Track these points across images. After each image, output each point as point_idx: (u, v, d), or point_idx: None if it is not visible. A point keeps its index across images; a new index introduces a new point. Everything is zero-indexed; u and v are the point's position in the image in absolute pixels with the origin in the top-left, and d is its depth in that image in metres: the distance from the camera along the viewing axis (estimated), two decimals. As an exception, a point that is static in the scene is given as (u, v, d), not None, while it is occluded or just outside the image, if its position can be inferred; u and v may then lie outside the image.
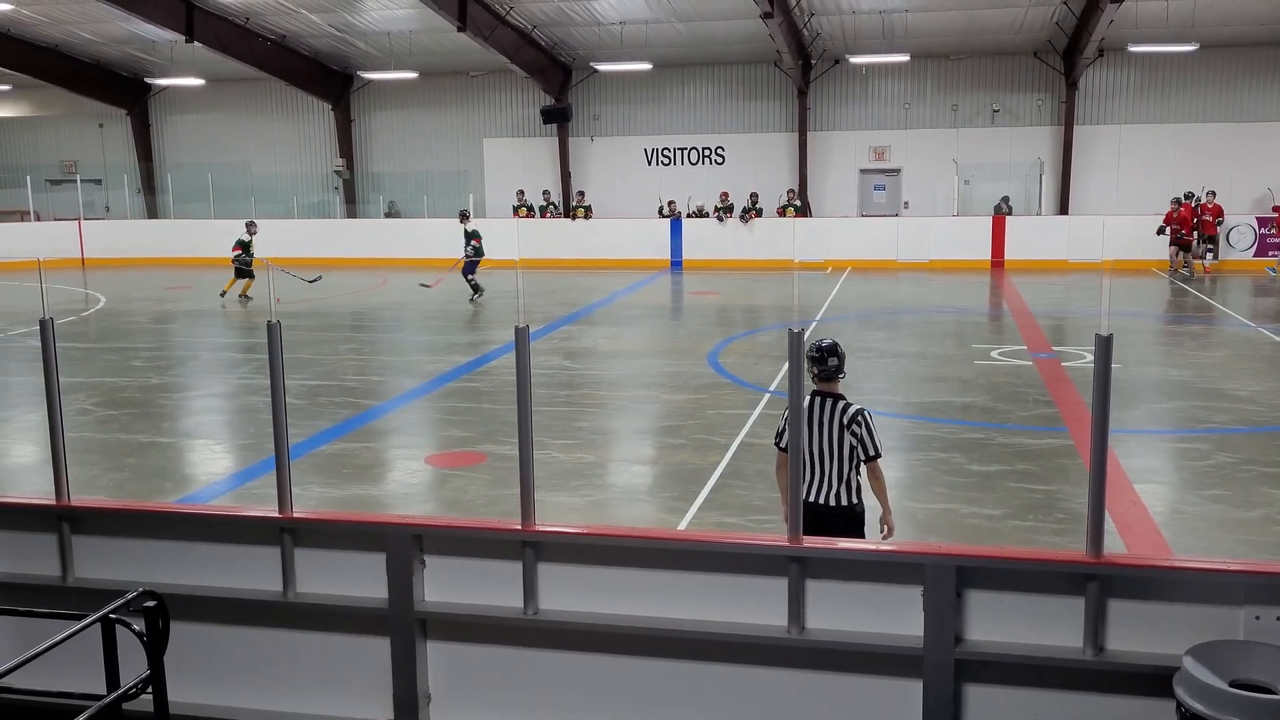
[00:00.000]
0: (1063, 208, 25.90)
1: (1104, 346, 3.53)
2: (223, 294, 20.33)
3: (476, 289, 20.14)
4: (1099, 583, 3.68)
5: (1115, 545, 6.81)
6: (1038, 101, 26.22)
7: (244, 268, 20.23)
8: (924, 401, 11.50)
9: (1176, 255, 23.11)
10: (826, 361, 5.63)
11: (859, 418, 5.55)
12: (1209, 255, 23.30)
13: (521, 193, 27.91)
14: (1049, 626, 3.77)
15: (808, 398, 5.52)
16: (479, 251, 20.33)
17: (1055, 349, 14.48)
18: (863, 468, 5.62)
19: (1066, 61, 25.32)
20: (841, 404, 5.60)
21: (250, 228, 20.73)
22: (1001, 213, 25.56)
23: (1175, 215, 22.90)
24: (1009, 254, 24.82)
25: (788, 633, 3.96)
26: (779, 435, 5.71)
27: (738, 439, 9.85)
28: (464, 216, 20.85)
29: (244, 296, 20.42)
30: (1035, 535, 7.39)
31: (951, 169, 26.32)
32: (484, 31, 23.39)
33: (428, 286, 20.87)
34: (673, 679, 4.13)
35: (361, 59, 27.92)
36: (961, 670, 3.84)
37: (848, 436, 5.53)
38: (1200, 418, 10.72)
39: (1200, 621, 3.61)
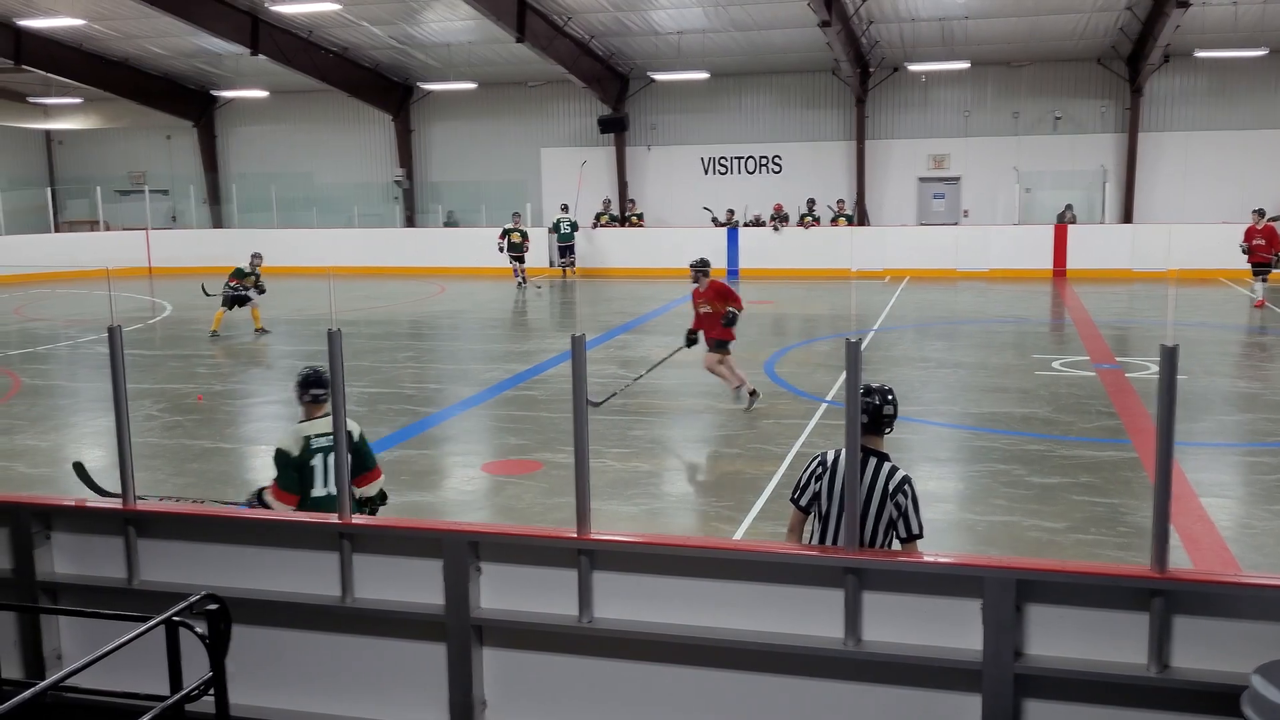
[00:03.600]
0: (1127, 216, 25.45)
1: (1169, 357, 3.46)
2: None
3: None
4: (1164, 598, 3.60)
5: (1181, 560, 6.67)
6: (1101, 108, 25.80)
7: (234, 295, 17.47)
8: (983, 412, 11.35)
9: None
10: (874, 405, 4.62)
11: (905, 486, 4.53)
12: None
13: (608, 201, 28.15)
14: (1112, 642, 3.70)
15: (834, 451, 4.69)
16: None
17: (1119, 360, 14.22)
18: (895, 547, 4.59)
19: (1131, 67, 24.89)
20: (887, 465, 4.57)
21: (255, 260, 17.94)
22: (1065, 221, 25.19)
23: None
24: (1071, 263, 24.43)
25: (844, 645, 3.92)
26: (799, 489, 4.72)
27: (794, 448, 9.80)
28: (564, 208, 26.45)
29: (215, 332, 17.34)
30: (1098, 549, 7.26)
31: (1012, 177, 26.00)
32: (542, 42, 23.55)
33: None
34: (727, 689, 4.11)
35: (421, 70, 28.26)
36: (1021, 685, 3.77)
37: (889, 507, 4.53)
38: (1269, 431, 10.47)
39: (1269, 639, 3.52)
